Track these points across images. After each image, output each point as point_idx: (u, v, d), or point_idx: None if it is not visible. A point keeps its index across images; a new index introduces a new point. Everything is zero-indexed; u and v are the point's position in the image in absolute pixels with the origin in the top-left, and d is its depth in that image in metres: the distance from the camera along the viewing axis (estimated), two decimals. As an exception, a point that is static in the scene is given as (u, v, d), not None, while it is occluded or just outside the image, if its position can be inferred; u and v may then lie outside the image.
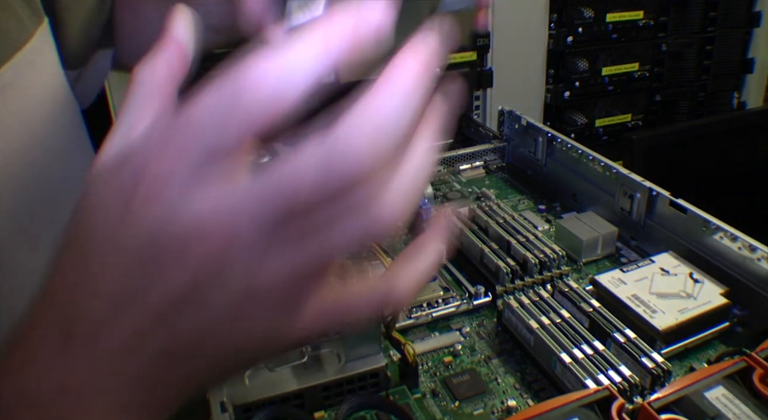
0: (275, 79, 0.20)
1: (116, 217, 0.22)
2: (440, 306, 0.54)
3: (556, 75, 1.16)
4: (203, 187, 0.21)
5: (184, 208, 0.21)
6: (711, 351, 0.49)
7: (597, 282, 0.52)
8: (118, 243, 0.22)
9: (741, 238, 0.51)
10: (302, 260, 0.22)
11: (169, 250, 0.21)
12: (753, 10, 1.28)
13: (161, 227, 0.21)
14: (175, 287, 0.22)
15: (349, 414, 0.43)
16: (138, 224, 0.21)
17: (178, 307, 0.22)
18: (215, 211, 0.21)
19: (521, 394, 0.46)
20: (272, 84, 0.20)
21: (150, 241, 0.21)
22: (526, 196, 0.74)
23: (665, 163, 1.03)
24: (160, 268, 0.22)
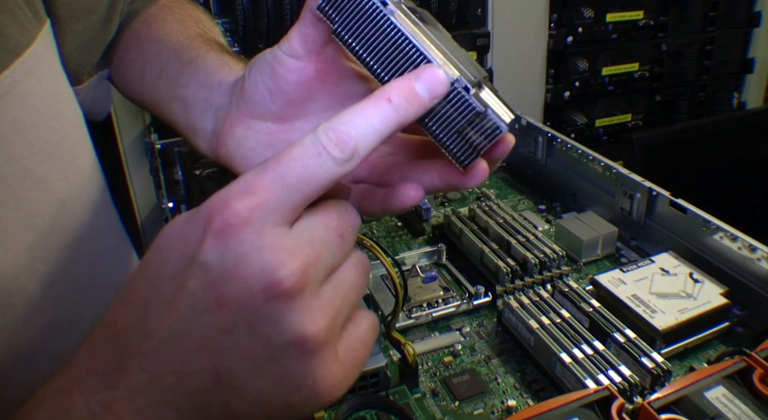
0: (357, 131, 0.24)
1: (187, 258, 0.23)
2: (440, 306, 0.54)
3: (556, 75, 1.16)
4: (277, 240, 0.23)
5: (259, 254, 0.22)
6: (711, 351, 0.49)
7: (597, 282, 0.52)
8: (183, 285, 0.23)
9: (741, 238, 0.51)
10: None
11: (229, 301, 0.23)
12: (753, 10, 1.28)
13: (227, 275, 0.23)
14: (227, 329, 0.23)
15: (349, 414, 0.43)
16: (204, 270, 0.23)
17: (227, 353, 0.24)
18: (281, 264, 0.22)
19: (521, 394, 0.46)
20: (355, 136, 0.24)
21: (214, 287, 0.23)
22: (526, 196, 0.74)
23: (665, 163, 1.03)
24: (218, 311, 0.23)
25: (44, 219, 0.36)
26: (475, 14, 1.05)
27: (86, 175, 0.42)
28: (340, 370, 0.25)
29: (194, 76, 0.40)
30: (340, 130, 0.24)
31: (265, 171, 0.23)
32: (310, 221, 0.24)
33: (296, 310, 0.23)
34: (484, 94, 0.29)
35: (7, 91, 0.33)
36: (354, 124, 0.24)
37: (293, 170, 0.23)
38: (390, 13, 0.28)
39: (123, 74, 0.48)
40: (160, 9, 0.49)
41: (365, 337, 0.26)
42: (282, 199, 0.23)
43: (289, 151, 0.24)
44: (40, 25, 0.38)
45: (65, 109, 0.40)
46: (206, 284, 0.23)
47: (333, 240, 0.25)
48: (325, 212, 0.25)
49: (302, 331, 0.23)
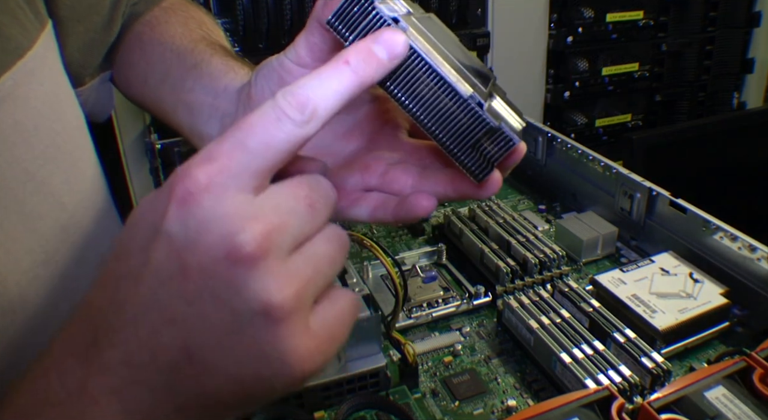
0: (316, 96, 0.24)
1: (152, 230, 0.23)
2: (440, 306, 0.54)
3: (556, 75, 1.16)
4: (239, 206, 0.22)
5: (220, 222, 0.22)
6: (711, 351, 0.49)
7: (597, 282, 0.52)
8: (148, 257, 0.23)
9: (741, 238, 0.51)
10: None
11: (193, 270, 0.23)
12: (753, 10, 1.28)
13: (189, 244, 0.22)
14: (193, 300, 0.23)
15: (349, 414, 0.43)
16: (167, 241, 0.23)
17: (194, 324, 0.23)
18: (242, 229, 0.22)
19: (521, 394, 0.46)
20: (314, 100, 0.24)
21: (177, 256, 0.23)
22: (526, 196, 0.74)
23: (665, 163, 1.03)
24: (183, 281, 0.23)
25: (45, 223, 0.36)
26: (475, 14, 1.05)
27: (88, 177, 0.42)
28: (312, 343, 0.24)
29: (199, 81, 0.40)
30: (299, 93, 0.24)
31: (226, 138, 0.23)
32: (277, 189, 0.24)
33: (260, 276, 0.22)
34: (496, 104, 0.29)
35: (8, 94, 0.33)
36: (311, 86, 0.24)
37: (253, 135, 0.23)
38: (402, 31, 0.28)
39: (126, 77, 0.48)
40: (163, 11, 0.49)
41: (342, 315, 0.26)
42: (243, 164, 0.23)
43: (249, 116, 0.23)
44: (41, 26, 0.37)
45: (67, 111, 0.40)
46: (170, 253, 0.23)
47: (302, 209, 0.24)
48: (294, 182, 0.25)
49: (267, 299, 0.22)
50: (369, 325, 0.43)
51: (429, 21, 0.31)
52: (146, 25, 0.47)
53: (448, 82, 0.28)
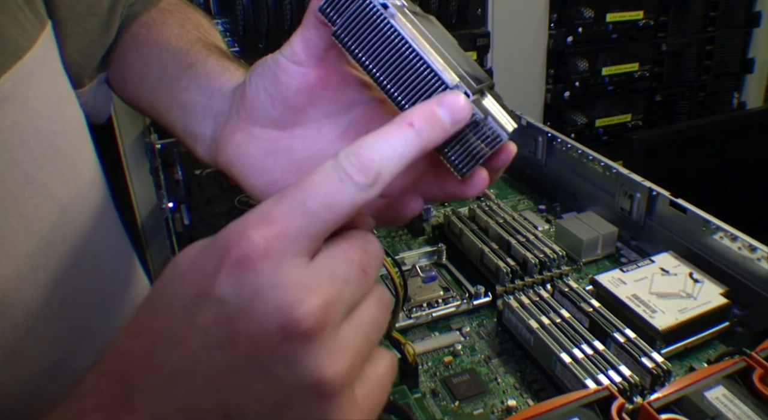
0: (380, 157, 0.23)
1: (200, 291, 0.22)
2: (440, 306, 0.54)
3: (556, 75, 1.16)
4: (296, 275, 0.21)
5: (277, 290, 0.21)
6: (711, 351, 0.49)
7: (597, 282, 0.52)
8: (194, 320, 0.22)
9: (741, 238, 0.51)
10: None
11: (243, 339, 0.21)
12: (753, 10, 1.28)
13: (242, 312, 0.21)
14: (240, 370, 0.22)
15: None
16: (217, 306, 0.22)
17: (237, 394, 0.22)
18: (300, 302, 0.21)
19: (521, 394, 0.46)
20: (377, 162, 0.23)
21: (227, 324, 0.21)
22: (526, 196, 0.74)
23: (665, 163, 1.03)
24: (231, 350, 0.22)
25: (45, 226, 0.36)
26: (475, 14, 1.05)
27: (88, 180, 0.42)
28: (359, 415, 0.23)
29: (194, 81, 0.40)
30: (363, 155, 0.23)
31: (285, 198, 0.22)
32: (331, 254, 0.23)
33: (314, 352, 0.21)
34: (486, 101, 0.29)
35: (7, 95, 0.33)
36: (377, 148, 0.23)
37: (314, 197, 0.22)
38: (390, 16, 0.27)
39: (121, 78, 0.48)
40: (160, 12, 0.49)
41: (383, 379, 0.25)
42: (303, 228, 0.22)
43: (309, 177, 0.22)
44: (41, 27, 0.37)
45: (66, 113, 0.40)
46: (219, 320, 0.22)
47: (355, 275, 0.23)
48: (347, 245, 0.24)
49: (320, 375, 0.21)
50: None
51: (426, 20, 0.30)
52: (143, 27, 0.47)
53: (433, 70, 0.27)
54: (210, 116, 0.38)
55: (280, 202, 0.22)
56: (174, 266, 0.23)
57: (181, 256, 0.23)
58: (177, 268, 0.23)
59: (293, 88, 0.33)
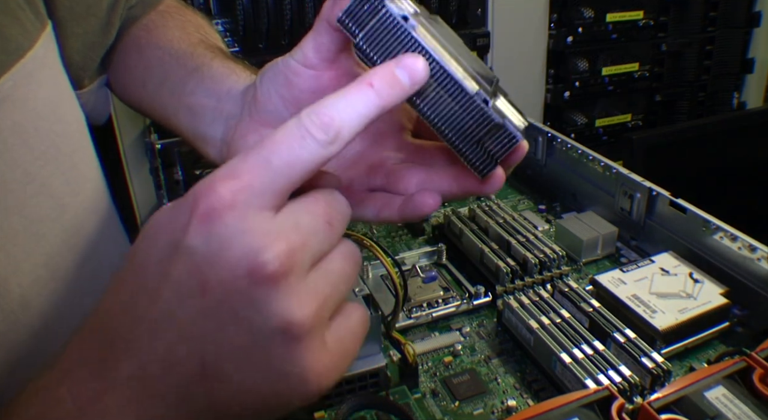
0: (340, 116, 0.24)
1: (172, 244, 0.23)
2: (440, 306, 0.54)
3: (556, 75, 1.16)
4: (262, 223, 0.23)
5: (243, 239, 0.22)
6: (711, 351, 0.49)
7: (597, 282, 0.52)
8: (167, 271, 0.23)
9: (741, 238, 0.51)
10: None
11: (213, 285, 0.23)
12: (753, 10, 1.27)
13: (211, 259, 0.22)
14: (212, 316, 0.23)
15: (349, 414, 0.43)
16: (188, 255, 0.23)
17: (211, 340, 0.23)
18: (264, 247, 0.22)
19: (521, 394, 0.46)
20: (338, 120, 0.24)
21: (198, 272, 0.23)
22: (526, 196, 0.74)
23: (665, 163, 1.03)
24: (202, 297, 0.23)
25: (46, 225, 0.36)
26: (475, 14, 1.05)
27: (89, 179, 0.42)
28: (329, 358, 0.24)
29: (201, 85, 0.40)
30: (324, 113, 0.24)
31: (250, 155, 0.23)
32: (296, 207, 0.24)
33: (281, 295, 0.22)
34: (500, 102, 0.30)
35: (7, 95, 0.33)
36: (337, 107, 0.24)
37: (277, 153, 0.23)
38: (411, 28, 0.28)
39: (122, 80, 0.48)
40: (160, 15, 0.49)
41: (355, 329, 0.26)
42: (267, 183, 0.23)
43: (273, 134, 0.24)
44: (42, 27, 0.37)
45: (67, 113, 0.40)
46: (190, 269, 0.23)
47: (320, 226, 0.25)
48: (312, 199, 0.25)
49: (288, 317, 0.23)
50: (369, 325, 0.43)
51: (436, 22, 0.31)
52: (143, 29, 0.47)
53: (455, 79, 0.29)
54: (220, 119, 0.39)
55: (245, 159, 0.23)
56: (149, 224, 0.24)
57: (156, 214, 0.24)
58: (151, 225, 0.24)
59: (305, 91, 0.34)
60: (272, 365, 0.23)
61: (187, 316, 0.23)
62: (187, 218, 0.23)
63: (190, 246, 0.23)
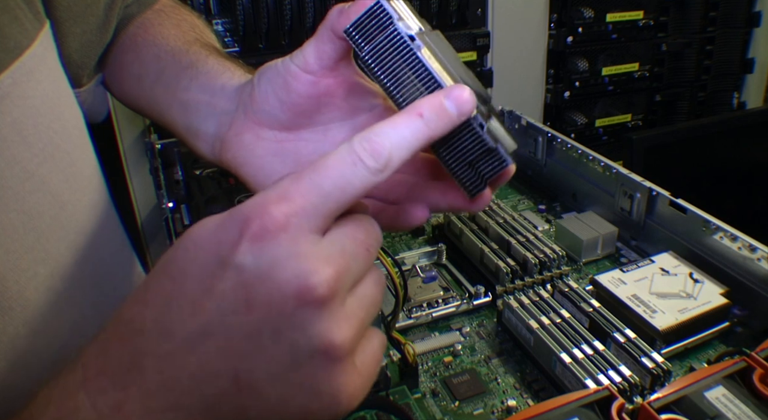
0: (390, 144, 0.25)
1: (218, 260, 0.23)
2: (440, 306, 0.54)
3: (556, 75, 1.16)
4: (312, 248, 0.23)
5: (294, 262, 0.23)
6: (711, 351, 0.49)
7: (597, 282, 0.52)
8: (211, 286, 0.23)
9: (741, 238, 0.51)
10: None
11: (260, 305, 0.23)
12: (753, 10, 1.27)
13: (261, 279, 0.23)
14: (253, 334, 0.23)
15: (349, 414, 0.43)
16: (236, 273, 0.23)
17: (249, 357, 0.24)
18: (315, 271, 0.23)
19: (521, 394, 0.46)
20: (387, 148, 0.25)
21: (245, 289, 0.23)
22: (526, 196, 0.74)
23: (665, 163, 1.03)
24: (246, 314, 0.23)
25: (44, 221, 0.36)
26: (475, 14, 1.05)
27: (87, 177, 0.42)
28: (359, 380, 0.25)
29: (195, 80, 0.40)
30: (375, 141, 0.24)
31: (302, 178, 0.24)
32: (341, 232, 0.25)
33: (325, 318, 0.23)
34: (494, 125, 0.31)
35: (7, 93, 0.33)
36: (387, 135, 0.25)
37: (329, 178, 0.24)
38: (417, 49, 0.29)
39: (119, 78, 0.48)
40: (156, 13, 0.49)
41: (377, 353, 0.27)
42: (318, 207, 0.24)
43: (325, 159, 0.24)
44: (40, 26, 0.37)
45: (65, 110, 0.40)
46: (237, 286, 0.23)
47: (361, 253, 0.25)
48: (354, 225, 0.26)
49: (330, 339, 0.23)
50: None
51: (437, 38, 0.32)
52: (140, 27, 0.48)
53: None
54: (213, 114, 0.39)
55: (298, 182, 0.24)
56: (189, 237, 0.24)
57: (197, 227, 0.25)
58: (192, 238, 0.24)
59: (303, 95, 0.34)
60: (308, 384, 0.24)
61: (227, 331, 0.23)
62: (236, 236, 0.23)
63: (240, 264, 0.23)
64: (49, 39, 0.39)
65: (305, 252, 0.23)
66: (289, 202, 0.23)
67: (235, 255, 0.23)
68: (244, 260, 0.23)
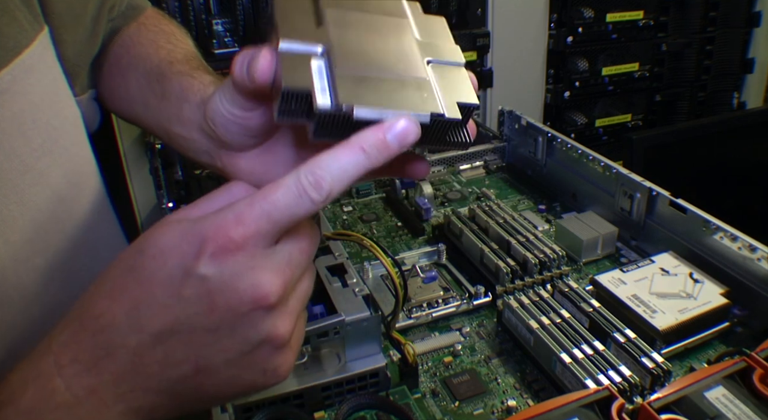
0: (333, 174, 0.28)
1: (183, 269, 0.27)
2: (440, 306, 0.54)
3: (556, 75, 1.16)
4: (264, 262, 0.28)
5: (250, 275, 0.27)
6: (711, 351, 0.49)
7: (597, 282, 0.52)
8: (178, 292, 0.27)
9: (741, 238, 0.51)
10: None
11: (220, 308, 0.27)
12: (753, 10, 1.28)
13: (222, 288, 0.27)
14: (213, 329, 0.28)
15: (349, 414, 0.43)
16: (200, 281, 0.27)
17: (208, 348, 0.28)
18: (268, 282, 0.28)
19: (521, 394, 0.46)
20: (330, 178, 0.28)
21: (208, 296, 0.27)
22: (526, 196, 0.74)
23: (665, 163, 1.03)
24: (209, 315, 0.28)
25: (43, 214, 0.37)
26: (475, 14, 1.05)
27: (84, 172, 0.43)
28: (292, 356, 0.31)
29: (174, 117, 0.42)
30: (318, 175, 0.27)
31: (254, 206, 0.27)
32: (290, 245, 0.29)
33: (272, 316, 0.28)
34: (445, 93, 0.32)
35: (6, 89, 0.34)
36: (330, 169, 0.28)
37: (278, 208, 0.27)
38: (350, 111, 0.28)
39: (113, 99, 0.51)
40: (137, 29, 0.51)
41: (303, 330, 0.33)
42: (269, 230, 0.28)
43: (275, 189, 0.27)
44: (39, 28, 0.39)
45: (64, 108, 0.41)
46: (202, 293, 0.27)
47: (304, 260, 0.30)
48: (301, 238, 0.30)
49: (275, 332, 0.29)
50: (369, 325, 0.43)
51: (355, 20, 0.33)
52: (122, 48, 0.49)
53: None
54: (203, 151, 0.41)
55: (251, 208, 0.28)
56: (154, 245, 0.28)
57: (160, 236, 0.28)
58: (159, 247, 0.28)
59: (248, 129, 0.37)
60: (256, 365, 0.29)
61: (191, 328, 0.28)
62: (198, 250, 0.27)
63: (204, 274, 0.27)
64: (47, 41, 0.40)
65: (259, 265, 0.28)
66: (245, 226, 0.27)
67: (198, 267, 0.27)
68: (207, 271, 0.27)
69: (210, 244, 0.27)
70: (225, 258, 0.27)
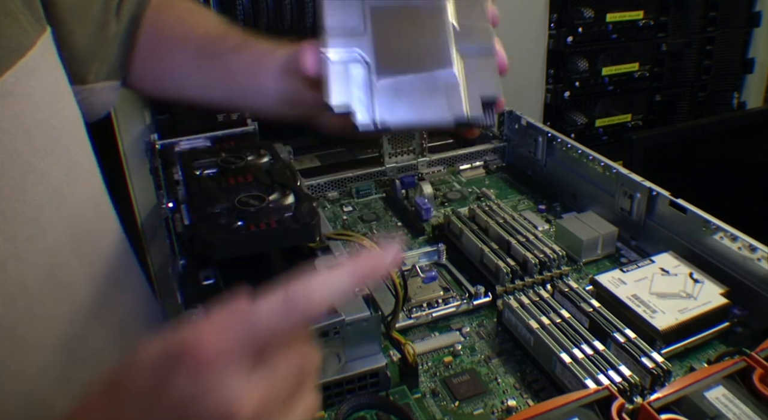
0: (320, 298, 0.27)
1: (158, 381, 0.27)
2: (440, 306, 0.54)
3: (556, 75, 1.16)
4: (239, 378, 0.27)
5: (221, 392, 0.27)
6: (711, 351, 0.49)
7: (597, 282, 0.52)
8: (154, 400, 0.27)
9: (741, 238, 0.51)
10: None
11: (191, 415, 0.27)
12: (753, 10, 1.27)
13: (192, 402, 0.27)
14: None
15: (349, 414, 0.43)
16: (175, 391, 0.27)
17: None
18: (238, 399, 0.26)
19: (521, 394, 0.46)
20: (317, 301, 0.27)
21: (182, 406, 0.27)
22: (526, 196, 0.74)
23: (665, 163, 1.02)
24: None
25: (45, 213, 0.38)
26: (475, 14, 1.04)
27: (86, 172, 0.44)
28: None
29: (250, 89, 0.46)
30: (307, 297, 0.27)
31: (236, 320, 0.27)
32: (275, 360, 0.28)
33: None
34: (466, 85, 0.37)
35: (10, 90, 0.35)
36: (319, 292, 0.28)
37: (260, 327, 0.27)
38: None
39: (155, 82, 0.53)
40: (159, 12, 0.51)
41: None
42: (247, 347, 0.27)
43: (260, 307, 0.27)
44: (42, 30, 0.39)
45: (65, 108, 0.42)
46: (176, 403, 0.27)
47: (291, 383, 0.29)
48: (291, 363, 0.29)
49: None
50: (369, 325, 0.43)
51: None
52: (154, 33, 0.51)
53: None
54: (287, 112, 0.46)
55: (232, 323, 0.27)
56: (140, 360, 0.29)
57: (142, 355, 0.29)
58: (141, 361, 0.29)
59: None
60: None
61: None
62: (175, 362, 0.27)
63: (180, 385, 0.27)
64: (49, 42, 0.40)
65: (233, 382, 0.27)
66: (223, 340, 0.27)
67: (175, 378, 0.27)
68: (181, 383, 0.27)
69: (185, 359, 0.27)
70: (198, 372, 0.27)
